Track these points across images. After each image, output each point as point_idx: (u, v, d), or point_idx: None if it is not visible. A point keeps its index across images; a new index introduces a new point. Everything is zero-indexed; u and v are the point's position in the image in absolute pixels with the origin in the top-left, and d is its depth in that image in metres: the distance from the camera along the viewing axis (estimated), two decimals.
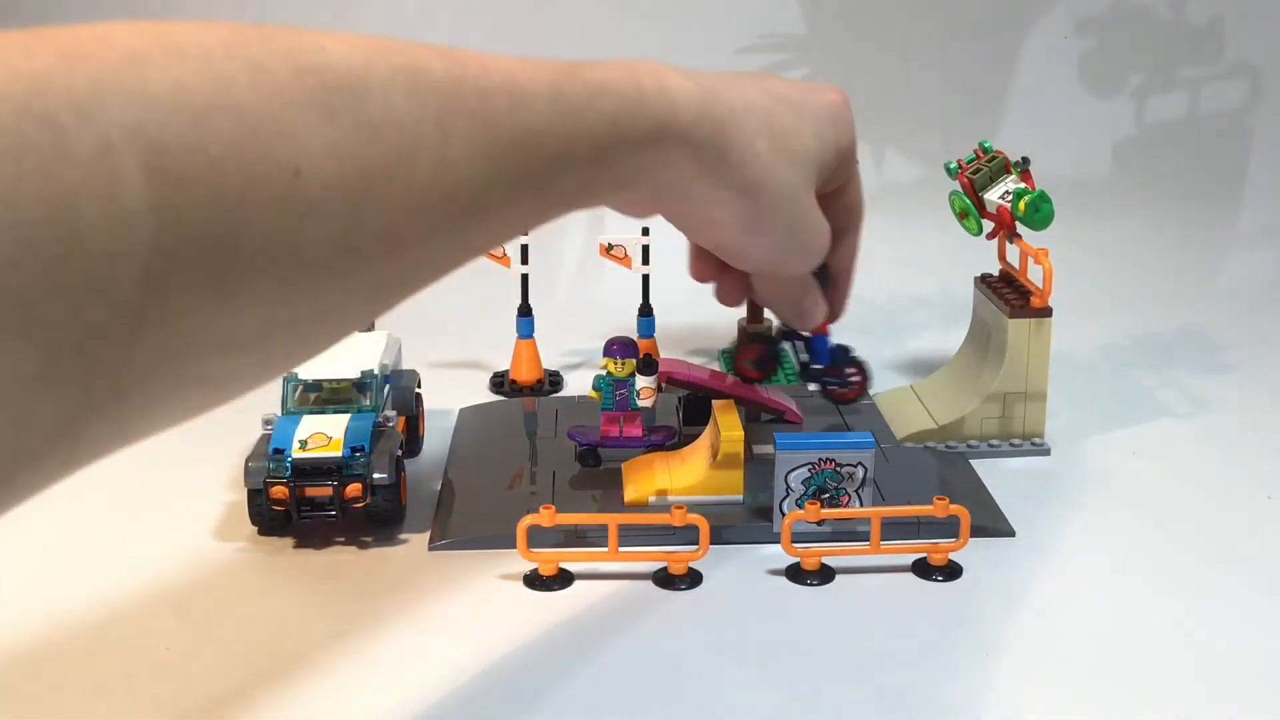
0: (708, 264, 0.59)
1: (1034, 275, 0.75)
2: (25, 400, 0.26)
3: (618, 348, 0.70)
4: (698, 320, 0.96)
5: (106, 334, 0.27)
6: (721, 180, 0.47)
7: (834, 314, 0.63)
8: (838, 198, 0.57)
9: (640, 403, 0.71)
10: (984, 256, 0.81)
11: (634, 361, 0.71)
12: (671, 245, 0.60)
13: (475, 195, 0.36)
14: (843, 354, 0.73)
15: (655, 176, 0.45)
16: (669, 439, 0.72)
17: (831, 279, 0.61)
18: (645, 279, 0.83)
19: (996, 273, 0.79)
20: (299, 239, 0.31)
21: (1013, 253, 0.77)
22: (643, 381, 0.71)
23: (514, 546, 0.61)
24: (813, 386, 0.75)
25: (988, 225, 0.77)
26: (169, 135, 0.27)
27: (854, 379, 0.73)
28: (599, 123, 0.40)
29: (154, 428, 0.32)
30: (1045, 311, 0.74)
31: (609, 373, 0.71)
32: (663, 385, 0.77)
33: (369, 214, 0.33)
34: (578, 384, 0.87)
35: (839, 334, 0.71)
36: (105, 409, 0.29)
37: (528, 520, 0.60)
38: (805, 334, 0.71)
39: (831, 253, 0.57)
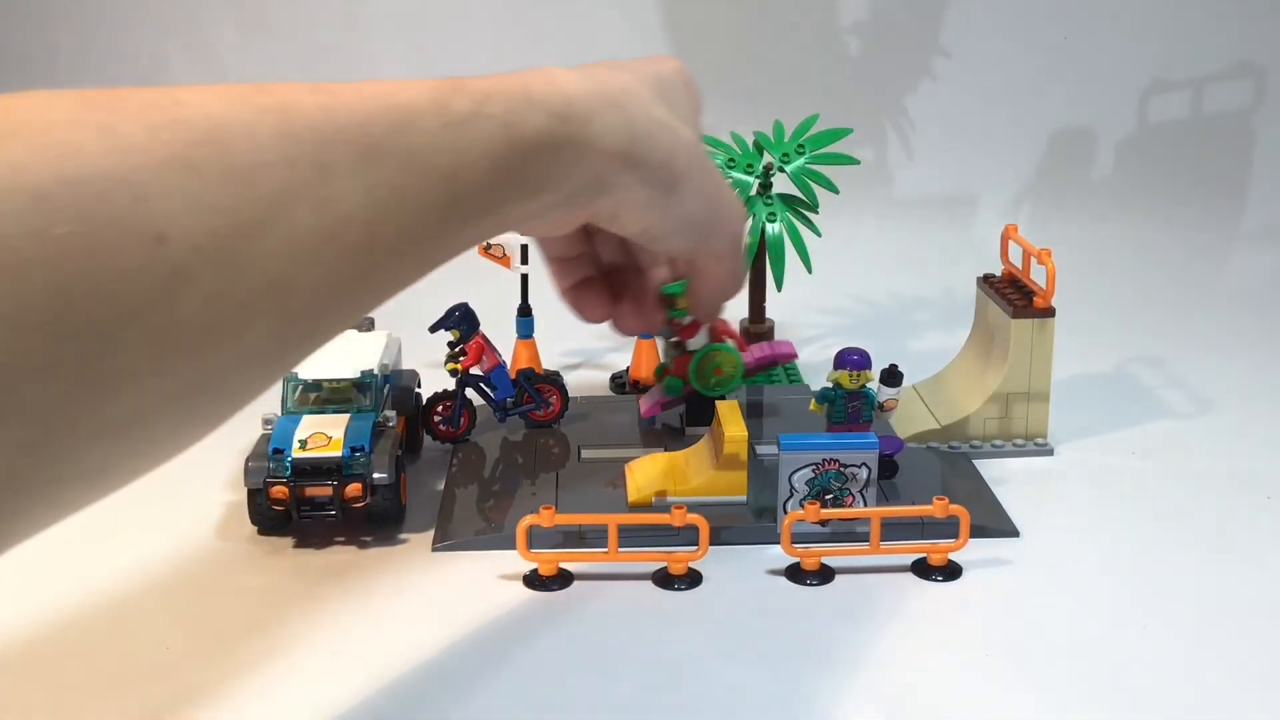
0: (595, 298, 0.55)
1: (1037, 275, 0.75)
2: None
3: (858, 358, 0.65)
4: None
5: None
6: (635, 160, 0.44)
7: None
8: None
9: (884, 415, 0.68)
10: (987, 256, 0.81)
11: (869, 373, 0.65)
12: None
13: (367, 229, 0.34)
14: (528, 378, 0.74)
15: (568, 177, 0.42)
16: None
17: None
18: None
19: (999, 273, 0.79)
20: (172, 309, 0.29)
21: (1015, 252, 0.77)
22: (887, 393, 0.67)
23: (514, 547, 0.61)
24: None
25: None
26: (4, 225, 0.26)
27: (552, 397, 0.75)
28: (490, 129, 0.38)
29: (19, 535, 0.30)
30: (1048, 312, 0.73)
31: (838, 384, 0.66)
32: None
33: (250, 268, 0.31)
34: (577, 384, 0.87)
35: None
36: None
37: (528, 520, 0.60)
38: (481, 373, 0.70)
39: None
